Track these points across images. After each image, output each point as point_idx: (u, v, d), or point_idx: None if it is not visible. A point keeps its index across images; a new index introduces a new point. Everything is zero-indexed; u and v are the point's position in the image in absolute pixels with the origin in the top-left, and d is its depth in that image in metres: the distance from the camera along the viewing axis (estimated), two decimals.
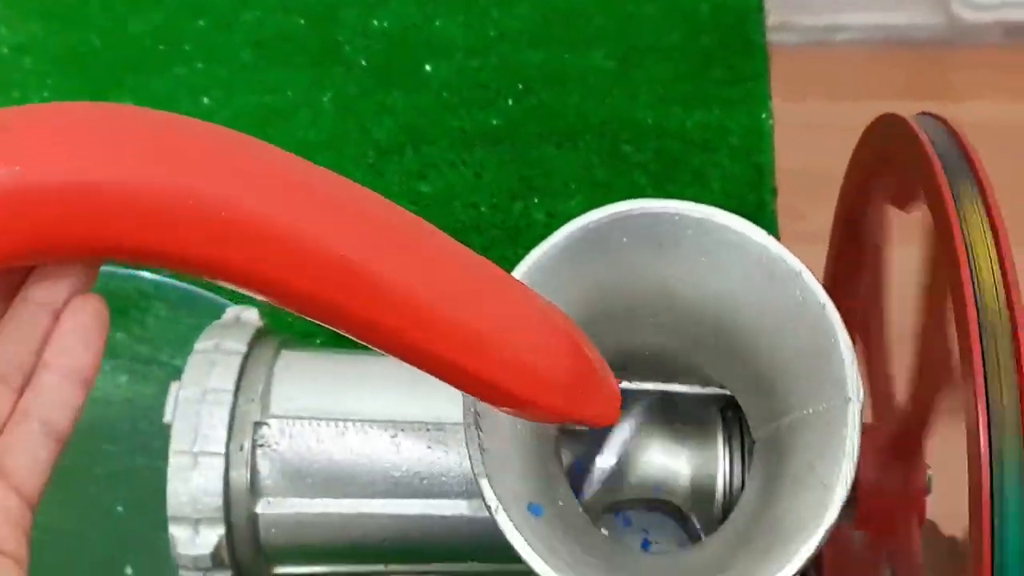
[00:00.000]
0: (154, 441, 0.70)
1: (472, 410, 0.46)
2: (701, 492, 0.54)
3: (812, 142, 0.78)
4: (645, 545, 0.57)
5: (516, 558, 0.55)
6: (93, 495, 0.68)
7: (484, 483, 0.45)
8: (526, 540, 0.44)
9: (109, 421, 0.70)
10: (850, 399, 0.46)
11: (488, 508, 0.44)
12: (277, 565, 0.54)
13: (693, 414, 0.56)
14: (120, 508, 0.68)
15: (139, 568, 0.66)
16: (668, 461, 0.54)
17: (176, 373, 0.72)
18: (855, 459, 0.45)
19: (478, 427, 0.46)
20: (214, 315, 0.71)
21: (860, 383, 0.46)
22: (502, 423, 0.47)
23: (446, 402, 0.53)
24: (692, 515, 0.54)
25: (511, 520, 0.44)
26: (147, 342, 0.72)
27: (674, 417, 0.55)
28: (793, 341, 0.48)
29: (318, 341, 0.72)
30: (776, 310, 0.49)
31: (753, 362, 0.50)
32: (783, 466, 0.48)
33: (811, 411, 0.47)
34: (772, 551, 0.44)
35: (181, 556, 0.51)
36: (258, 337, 0.56)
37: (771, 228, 0.74)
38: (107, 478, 0.68)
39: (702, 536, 0.54)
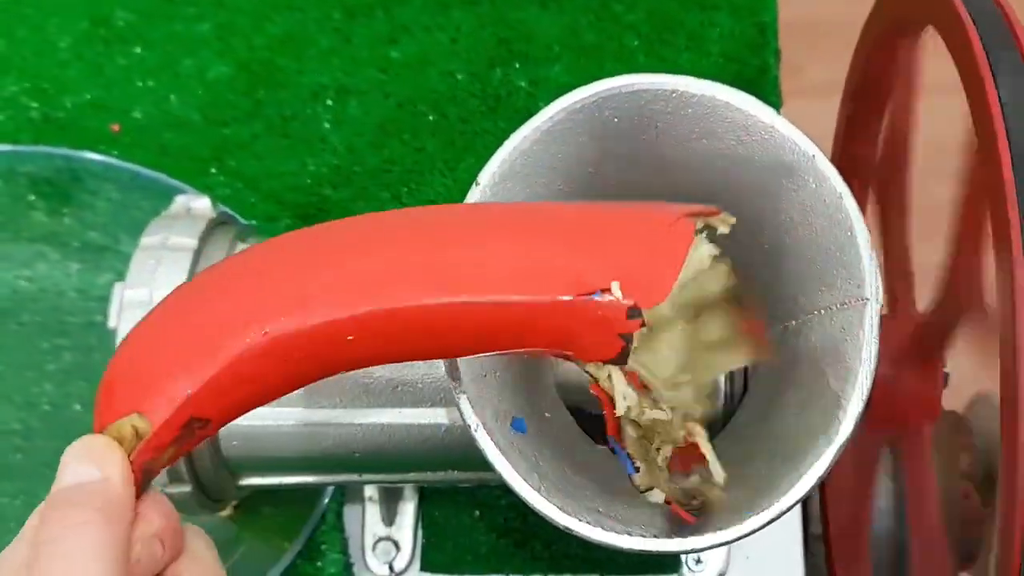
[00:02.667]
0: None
1: None
2: None
3: None
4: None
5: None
6: (47, 393, 0.64)
7: (462, 399, 0.40)
8: (509, 462, 0.40)
9: (61, 314, 0.65)
10: (867, 299, 0.41)
11: (468, 426, 0.40)
12: (242, 476, 0.50)
13: None
14: (78, 407, 0.63)
15: None
16: None
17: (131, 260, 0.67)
18: (873, 368, 0.40)
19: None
20: (170, 198, 0.66)
21: (879, 281, 0.41)
22: None
23: None
24: None
25: (492, 440, 0.40)
26: (99, 228, 0.67)
27: None
28: (805, 233, 0.43)
29: (284, 223, 0.67)
30: (785, 198, 0.43)
31: (758, 254, 0.45)
32: (791, 371, 0.43)
33: (823, 312, 0.43)
34: (779, 470, 0.40)
35: None
36: (211, 230, 0.50)
37: (774, 95, 0.69)
38: (61, 375, 0.64)
39: None
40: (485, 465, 0.49)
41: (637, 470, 0.38)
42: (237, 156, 0.69)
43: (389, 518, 0.60)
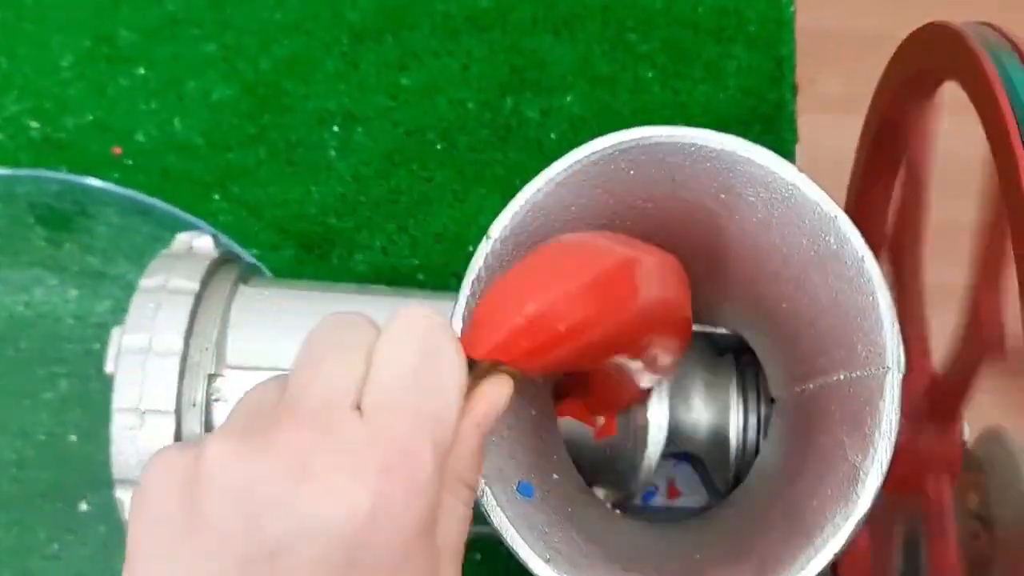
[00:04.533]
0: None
1: None
2: (716, 442, 0.48)
3: None
4: (647, 497, 0.52)
5: None
6: (43, 422, 0.62)
7: None
8: (516, 531, 0.39)
9: (58, 341, 0.64)
10: (889, 368, 0.40)
11: None
12: None
13: (705, 358, 0.50)
14: (73, 437, 0.62)
15: (96, 504, 0.61)
16: (685, 412, 0.48)
17: (129, 287, 0.66)
18: (893, 440, 0.39)
19: None
20: (170, 225, 0.64)
21: (902, 350, 0.40)
22: None
23: None
24: (711, 468, 0.49)
25: (500, 508, 0.39)
26: (98, 253, 0.65)
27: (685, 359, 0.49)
28: (824, 295, 0.42)
29: (288, 253, 0.66)
30: (806, 258, 0.42)
31: (776, 314, 0.44)
32: (808, 437, 0.42)
33: (842, 377, 0.41)
34: (792, 541, 0.39)
35: None
36: (212, 271, 0.49)
37: (790, 131, 0.67)
38: (57, 403, 0.63)
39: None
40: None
41: None
42: (240, 182, 0.67)
43: None
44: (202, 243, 0.51)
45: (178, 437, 0.45)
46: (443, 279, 0.65)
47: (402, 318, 0.32)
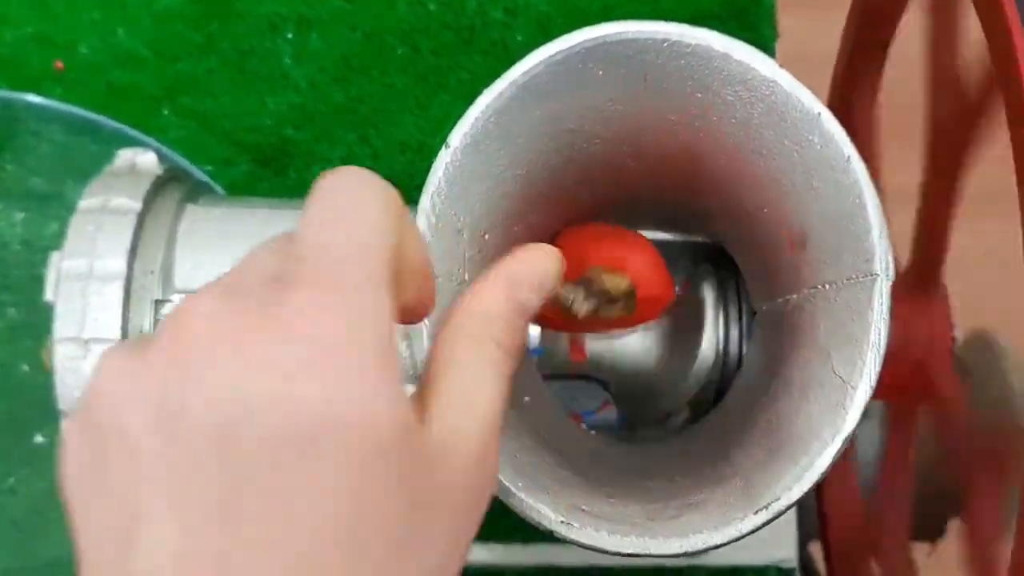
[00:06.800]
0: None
1: None
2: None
3: None
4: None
5: None
6: None
7: None
8: None
9: (4, 267, 0.61)
10: (877, 275, 0.37)
11: None
12: None
13: (682, 269, 0.48)
14: (25, 367, 0.59)
15: (51, 435, 0.58)
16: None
17: None
18: (883, 350, 0.37)
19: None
20: (119, 143, 0.61)
21: (891, 256, 0.38)
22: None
23: None
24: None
25: None
26: (44, 173, 0.62)
27: None
28: (808, 198, 0.39)
29: (242, 168, 0.62)
30: (788, 160, 0.39)
31: (757, 221, 0.42)
32: (793, 351, 0.40)
33: (827, 287, 0.39)
34: (778, 460, 0.37)
35: None
36: (157, 190, 0.46)
37: (769, 25, 0.64)
38: (6, 332, 0.60)
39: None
40: None
41: None
42: (190, 94, 0.64)
43: None
44: (145, 160, 0.47)
45: None
46: (408, 192, 0.60)
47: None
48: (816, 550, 0.62)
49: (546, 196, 0.42)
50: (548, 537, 0.58)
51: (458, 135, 0.39)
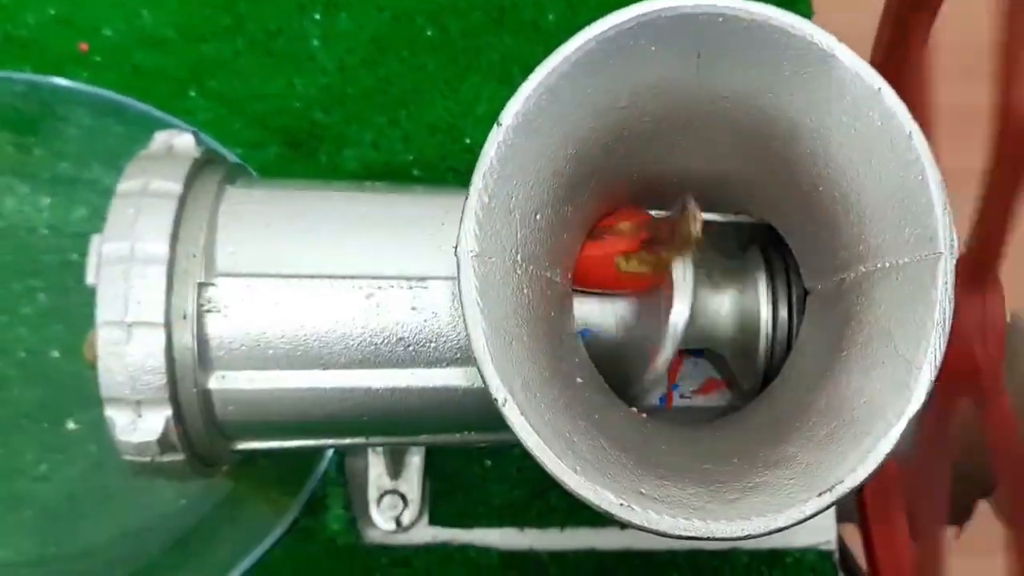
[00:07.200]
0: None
1: (471, 270, 0.37)
2: (743, 338, 0.45)
3: None
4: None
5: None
6: (22, 338, 0.59)
7: (489, 369, 0.36)
8: (543, 439, 0.36)
9: (33, 252, 0.60)
10: (941, 253, 0.37)
11: (494, 400, 0.36)
12: (238, 441, 0.46)
13: (729, 250, 0.47)
14: (55, 353, 0.59)
15: (84, 422, 0.58)
16: (708, 301, 0.45)
17: (107, 193, 0.62)
18: (947, 329, 0.36)
19: (479, 295, 0.37)
20: (146, 125, 0.60)
21: (954, 233, 0.37)
22: (503, 286, 0.38)
23: (432, 250, 0.44)
24: (735, 366, 0.46)
25: (524, 417, 0.36)
26: (70, 157, 0.61)
27: (709, 253, 0.46)
28: (867, 175, 0.39)
29: (272, 150, 0.62)
30: (846, 136, 0.39)
31: (812, 198, 0.41)
32: (850, 331, 0.39)
33: (888, 265, 0.38)
34: (840, 442, 0.37)
35: (122, 443, 0.42)
36: (196, 171, 0.45)
37: (805, 4, 0.63)
38: (36, 319, 0.59)
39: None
40: (505, 426, 0.45)
41: None
42: (218, 76, 0.63)
43: (395, 470, 0.57)
44: (183, 142, 0.47)
45: (169, 351, 0.42)
46: (440, 174, 0.61)
47: None
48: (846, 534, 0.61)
49: (594, 176, 0.42)
50: (586, 521, 0.58)
51: (510, 113, 0.38)
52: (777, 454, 0.38)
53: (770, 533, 0.35)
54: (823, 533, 0.57)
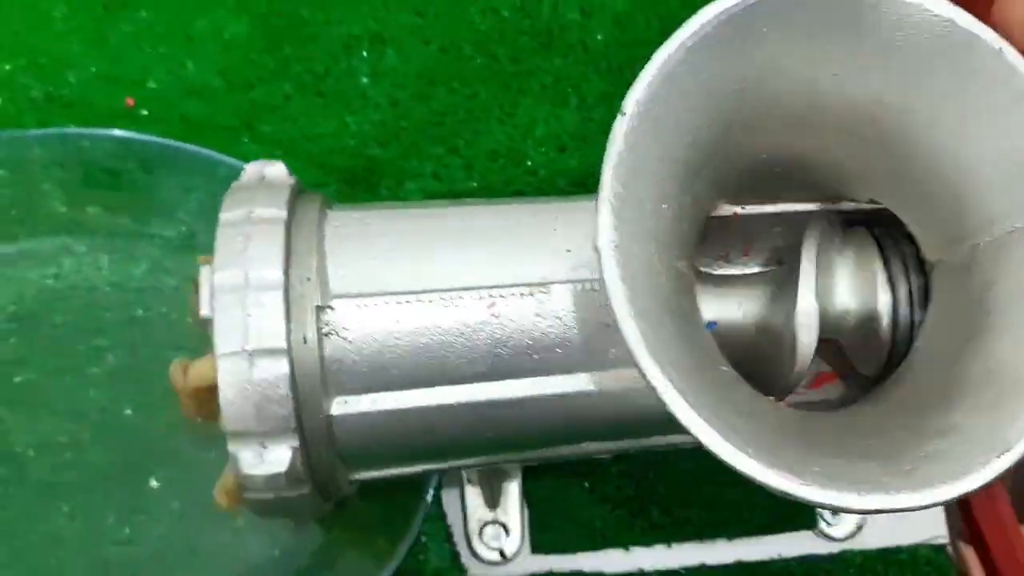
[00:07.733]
0: (155, 330, 0.59)
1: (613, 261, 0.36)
2: (864, 324, 0.45)
3: None
4: None
5: (642, 432, 0.46)
6: (93, 400, 0.57)
7: (645, 360, 0.35)
8: (709, 424, 0.35)
9: (96, 311, 0.58)
10: None
11: (655, 390, 0.35)
12: (357, 471, 0.45)
13: (838, 235, 0.46)
14: (129, 411, 0.57)
15: (166, 478, 0.56)
16: (826, 291, 0.45)
17: (167, 245, 0.61)
18: None
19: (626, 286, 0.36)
20: (204, 172, 0.59)
21: None
22: (644, 276, 0.37)
23: (549, 255, 0.43)
24: (855, 354, 0.45)
25: (687, 402, 0.35)
26: (126, 212, 0.60)
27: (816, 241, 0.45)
28: (992, 136, 0.39)
29: (332, 189, 0.61)
30: (970, 99, 0.39)
31: (932, 170, 0.41)
32: (992, 295, 0.39)
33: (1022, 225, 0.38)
34: (1008, 404, 0.36)
35: (249, 478, 0.41)
36: (296, 197, 0.44)
37: None
38: (105, 378, 0.57)
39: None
40: (632, 431, 0.44)
41: None
42: (269, 121, 0.62)
43: (493, 500, 0.55)
44: (275, 171, 0.46)
45: (293, 378, 0.40)
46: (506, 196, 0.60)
47: None
48: None
49: (708, 164, 0.41)
50: (692, 535, 0.57)
51: (631, 101, 0.38)
52: (940, 423, 0.37)
53: (956, 499, 0.34)
54: (933, 528, 0.56)
